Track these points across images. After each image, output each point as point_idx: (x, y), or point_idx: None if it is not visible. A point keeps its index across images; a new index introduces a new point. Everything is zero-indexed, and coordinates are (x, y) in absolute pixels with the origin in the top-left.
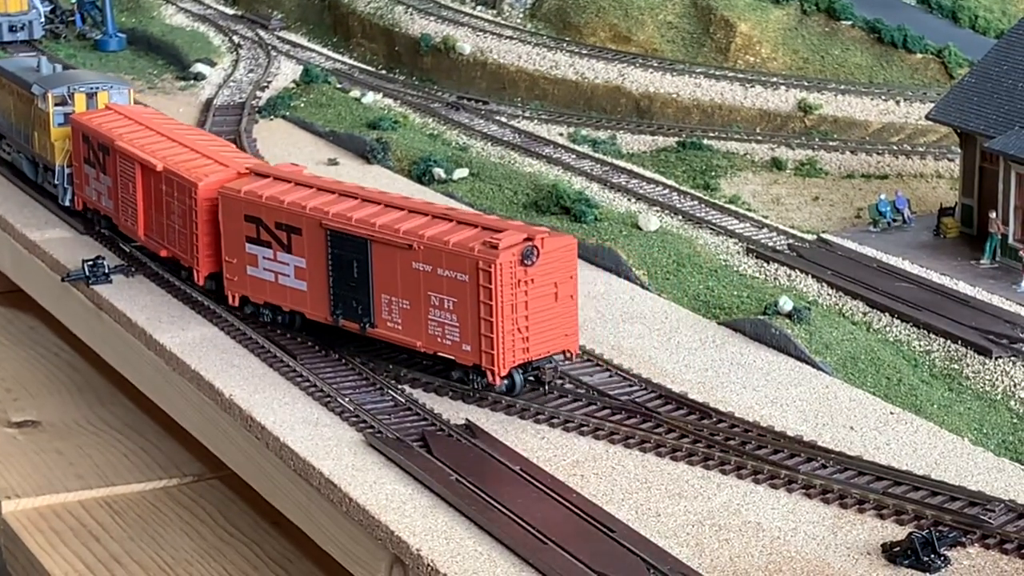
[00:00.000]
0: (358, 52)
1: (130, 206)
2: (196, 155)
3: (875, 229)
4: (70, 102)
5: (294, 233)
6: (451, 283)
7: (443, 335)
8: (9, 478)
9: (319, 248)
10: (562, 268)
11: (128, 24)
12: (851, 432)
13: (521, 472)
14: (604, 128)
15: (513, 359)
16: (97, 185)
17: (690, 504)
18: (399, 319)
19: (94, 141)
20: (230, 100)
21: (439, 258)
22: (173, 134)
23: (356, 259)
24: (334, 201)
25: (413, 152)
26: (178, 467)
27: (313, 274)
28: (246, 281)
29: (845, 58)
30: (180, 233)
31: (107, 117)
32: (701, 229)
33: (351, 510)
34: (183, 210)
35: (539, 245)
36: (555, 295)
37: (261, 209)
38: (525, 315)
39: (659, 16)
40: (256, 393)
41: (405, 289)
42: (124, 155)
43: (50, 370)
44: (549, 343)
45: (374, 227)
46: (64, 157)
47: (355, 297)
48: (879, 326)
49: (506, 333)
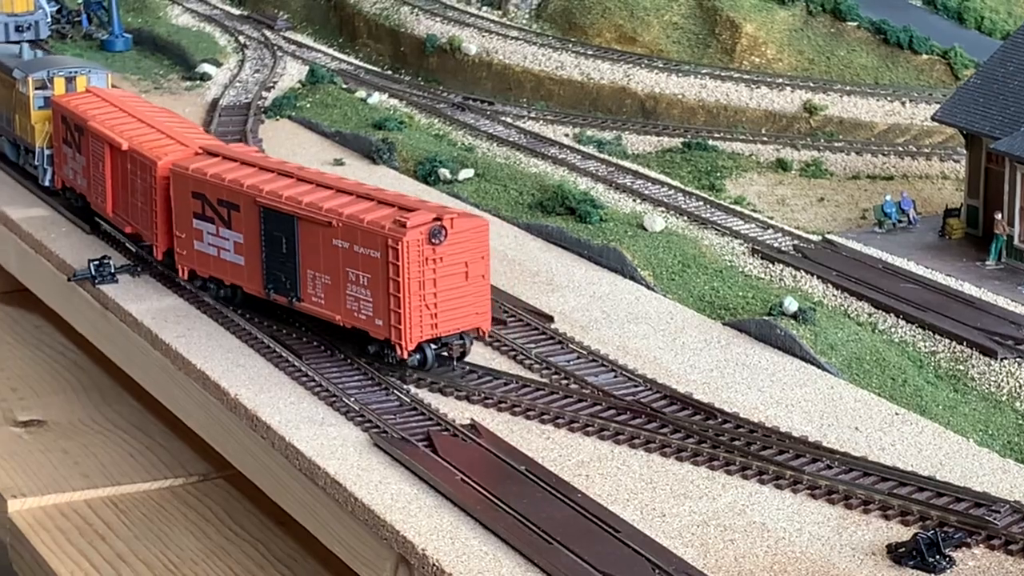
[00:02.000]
0: (364, 52)
1: (100, 184)
2: (160, 135)
3: (880, 230)
4: (50, 86)
5: (233, 209)
6: (365, 260)
7: (359, 310)
8: (15, 477)
9: (254, 224)
10: (473, 248)
11: (134, 24)
12: (856, 433)
13: (526, 472)
14: (609, 129)
15: (421, 334)
16: (73, 164)
17: (695, 504)
18: (322, 294)
19: (71, 122)
20: (236, 100)
21: (355, 235)
22: (143, 116)
23: (285, 235)
24: (271, 180)
25: (419, 152)
26: (184, 466)
27: (249, 249)
28: (193, 255)
29: (851, 59)
30: (142, 210)
31: (84, 99)
32: (706, 230)
33: (356, 510)
34: (145, 188)
35: (448, 226)
36: (465, 274)
37: (205, 186)
38: (433, 292)
39: (665, 17)
40: (262, 393)
41: (327, 265)
42: (95, 135)
43: (56, 369)
44: (459, 320)
45: (300, 205)
46: (44, 139)
47: (284, 272)
48: (884, 327)
49: (413, 309)
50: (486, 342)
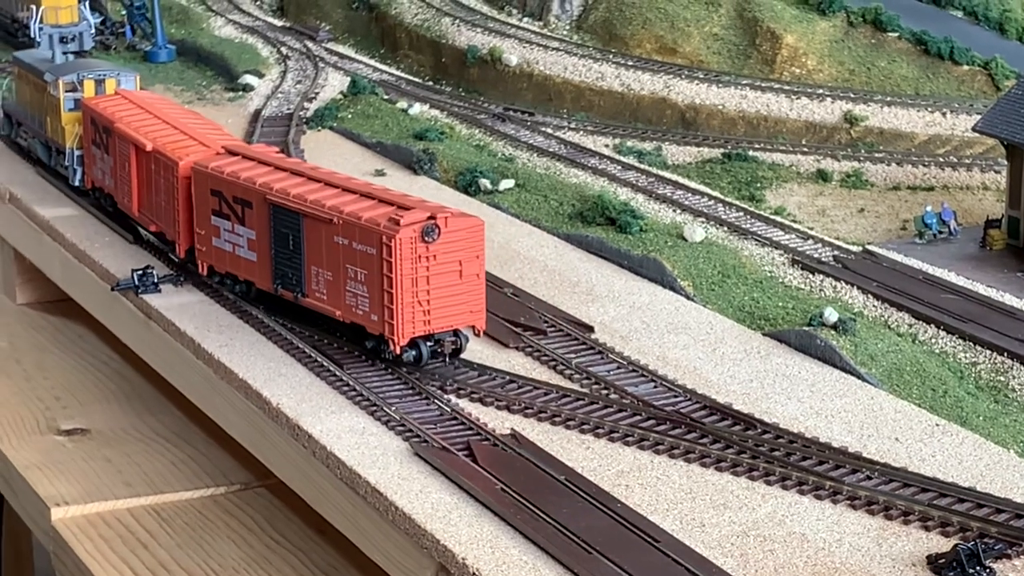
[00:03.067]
0: (405, 64)
1: (126, 184)
2: (184, 136)
3: (921, 241)
4: (80, 88)
5: (247, 207)
6: (363, 256)
7: (357, 305)
8: (58, 485)
9: (265, 221)
10: (468, 247)
11: (177, 35)
12: (896, 443)
13: (566, 482)
14: (650, 139)
15: (413, 330)
16: (102, 165)
17: (735, 515)
18: (324, 289)
19: (99, 124)
20: (278, 111)
21: (354, 232)
22: (168, 117)
23: (292, 232)
24: (282, 178)
25: (459, 163)
26: (225, 475)
27: (260, 245)
28: (212, 252)
29: (891, 70)
30: (165, 209)
31: (112, 101)
32: (746, 240)
33: (397, 519)
34: (168, 187)
35: (441, 224)
36: (459, 272)
37: (222, 183)
38: (427, 289)
39: (705, 28)
40: (303, 402)
41: (329, 261)
42: (121, 136)
43: (99, 378)
44: (452, 318)
45: (306, 202)
46: (74, 140)
47: (291, 268)
48: (925, 338)
49: (406, 305)
50: (526, 352)
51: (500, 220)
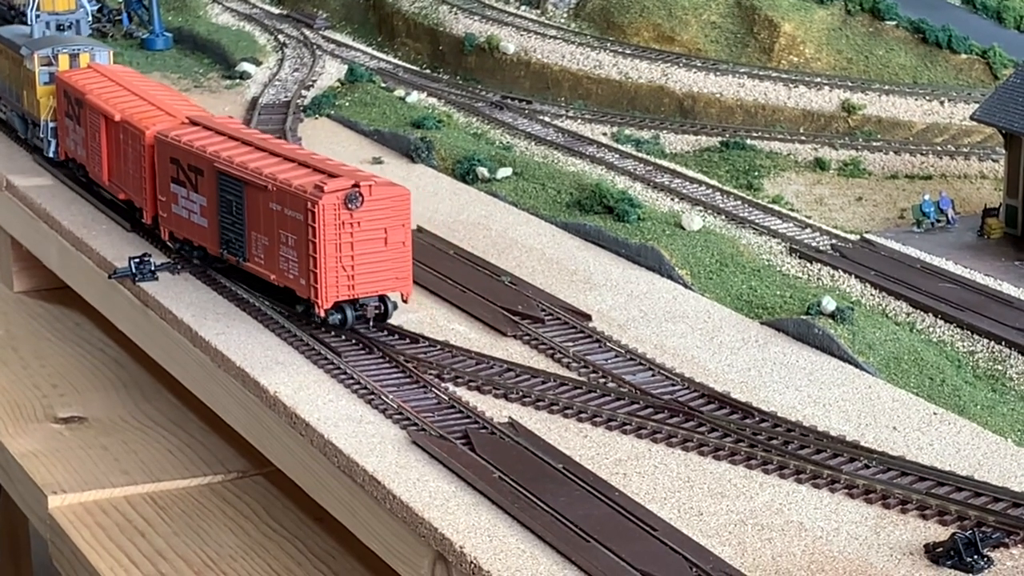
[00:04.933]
0: (402, 51)
1: (97, 154)
2: (151, 107)
3: (919, 230)
4: (54, 62)
5: (199, 174)
6: (293, 222)
7: (288, 269)
8: (55, 473)
9: (213, 188)
10: (393, 215)
11: (175, 23)
12: (894, 432)
13: (564, 470)
14: (647, 128)
15: (337, 294)
16: (74, 136)
17: (732, 503)
18: (262, 254)
19: (71, 96)
20: (275, 99)
21: (285, 198)
22: (138, 89)
23: (235, 199)
24: (232, 147)
25: (457, 151)
26: (222, 463)
27: (210, 212)
28: (172, 218)
29: (889, 58)
30: (133, 177)
31: (85, 75)
32: (744, 229)
33: (395, 507)
34: (135, 156)
35: (365, 192)
36: (384, 240)
37: (179, 151)
38: (351, 255)
39: (703, 16)
40: (301, 390)
41: (266, 227)
42: (92, 107)
43: (96, 366)
44: (377, 283)
45: (247, 170)
46: (48, 113)
47: (235, 233)
48: (922, 327)
49: (329, 270)
50: (524, 341)
51: (498, 208)
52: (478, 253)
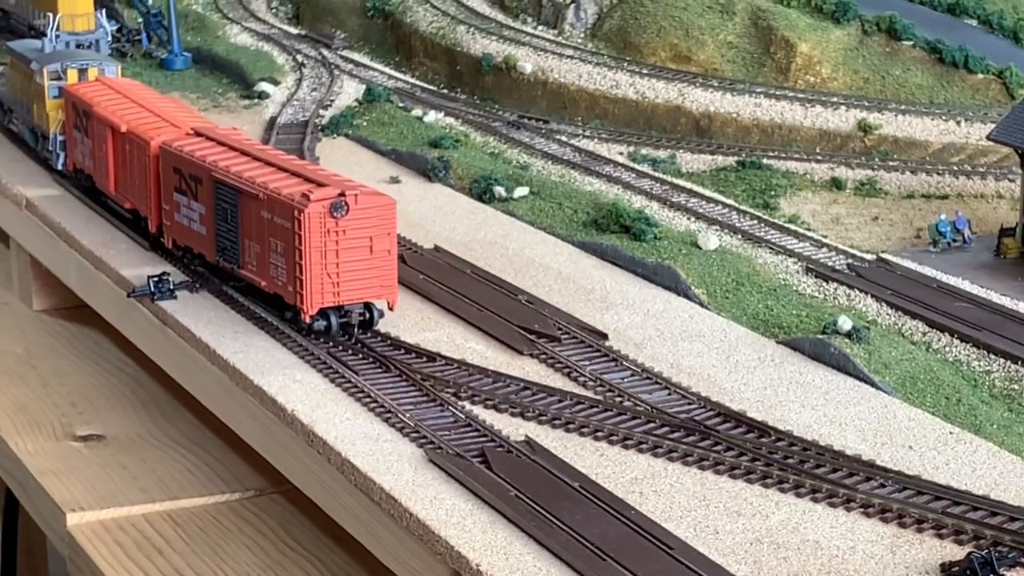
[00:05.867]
0: (420, 71)
1: (104, 164)
2: (157, 118)
3: (935, 249)
4: (63, 77)
5: (199, 184)
6: (281, 230)
7: (277, 276)
8: (74, 491)
9: (211, 197)
10: (379, 224)
11: (193, 43)
12: (910, 452)
13: (580, 489)
14: (664, 147)
15: (322, 301)
16: (82, 147)
17: (748, 522)
18: (255, 261)
19: (79, 108)
20: (293, 118)
21: (275, 207)
22: (144, 101)
23: (231, 207)
24: (229, 157)
25: (474, 170)
26: (240, 481)
27: (208, 220)
28: (175, 226)
29: (906, 78)
30: (139, 187)
31: (93, 88)
32: (760, 248)
33: (411, 525)
34: (140, 166)
35: (351, 201)
36: (369, 248)
37: (182, 161)
38: (336, 263)
39: (719, 36)
40: (318, 409)
41: (257, 234)
42: (99, 119)
43: (115, 385)
44: (362, 291)
45: (241, 179)
46: (57, 126)
47: (230, 240)
48: (939, 346)
49: (314, 276)
50: (540, 359)
51: (514, 227)
52: (495, 272)
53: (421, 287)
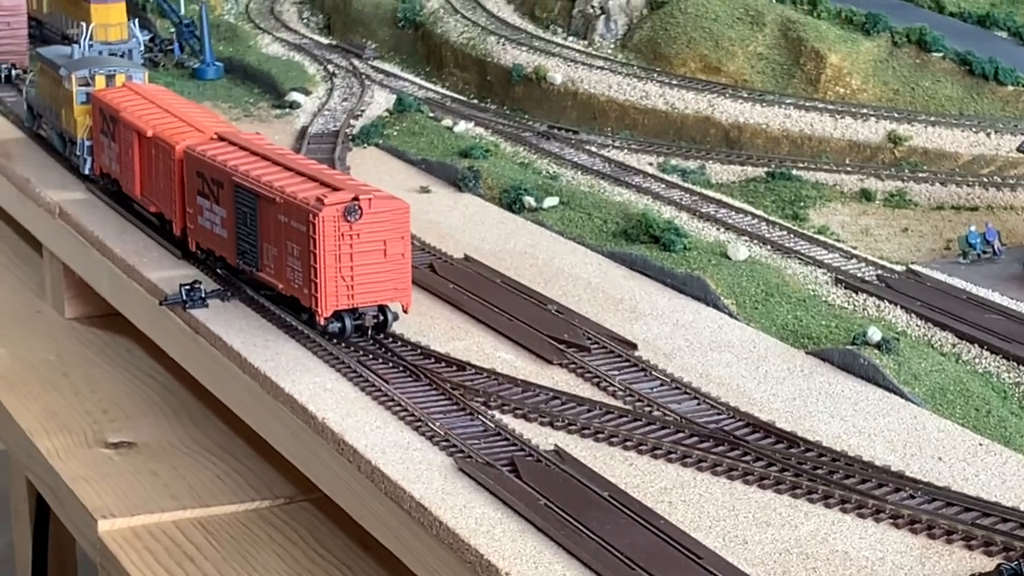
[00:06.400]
0: (450, 81)
1: (130, 168)
2: (182, 123)
3: (965, 261)
4: (92, 83)
5: (220, 187)
6: (297, 233)
7: (294, 279)
8: (105, 498)
9: (231, 200)
10: (393, 228)
11: (225, 53)
12: (939, 463)
13: (609, 498)
14: (693, 158)
15: (336, 303)
16: (109, 152)
17: (777, 532)
18: (272, 264)
19: (107, 113)
20: (324, 128)
21: (291, 210)
22: (170, 107)
23: (250, 211)
24: (249, 161)
25: (504, 181)
26: (270, 489)
27: (229, 223)
28: (198, 229)
29: (935, 90)
30: (164, 191)
31: (119, 93)
32: (790, 259)
33: (441, 533)
34: (166, 170)
35: (364, 205)
36: (383, 251)
37: (204, 165)
38: (350, 266)
39: (749, 47)
40: (349, 417)
41: (275, 238)
42: (125, 124)
43: (146, 392)
44: (376, 294)
45: (259, 183)
46: (85, 131)
47: (249, 244)
48: (968, 357)
49: (328, 279)
50: (570, 369)
51: (544, 237)
52: (524, 282)
53: (451, 296)
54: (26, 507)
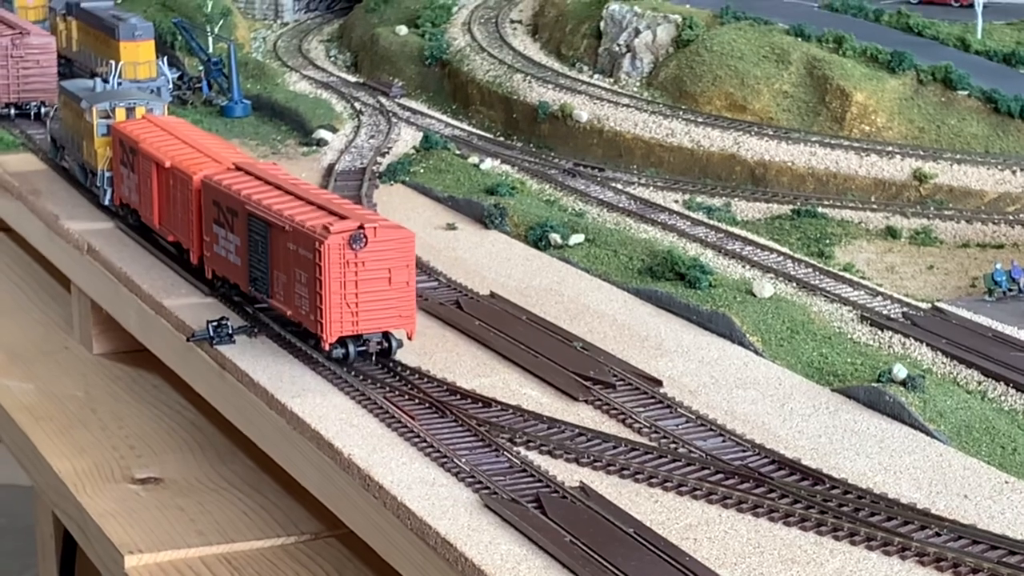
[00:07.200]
0: (477, 119)
1: (149, 198)
2: (199, 154)
3: (990, 298)
4: (112, 115)
5: (234, 216)
6: (305, 260)
7: (301, 305)
8: (132, 533)
9: (245, 229)
10: (398, 256)
11: (253, 91)
12: (965, 501)
13: (635, 535)
14: (719, 195)
15: (341, 330)
16: (128, 183)
17: (803, 570)
18: (282, 291)
19: (126, 145)
20: (351, 165)
21: (299, 238)
22: (188, 138)
23: (262, 239)
24: (262, 191)
25: (530, 218)
26: (296, 525)
27: (242, 251)
28: (214, 257)
29: (961, 128)
30: (182, 220)
31: (138, 125)
32: (815, 296)
33: (467, 570)
34: (183, 200)
35: (370, 234)
36: (388, 279)
37: (220, 195)
38: (355, 293)
39: (775, 85)
40: (374, 453)
41: (285, 265)
42: (144, 155)
43: (173, 428)
44: (381, 321)
45: (271, 211)
46: (105, 163)
47: (261, 271)
48: (994, 395)
49: (333, 306)
50: (595, 406)
51: (570, 274)
52: (550, 319)
53: (477, 333)
54: (52, 542)
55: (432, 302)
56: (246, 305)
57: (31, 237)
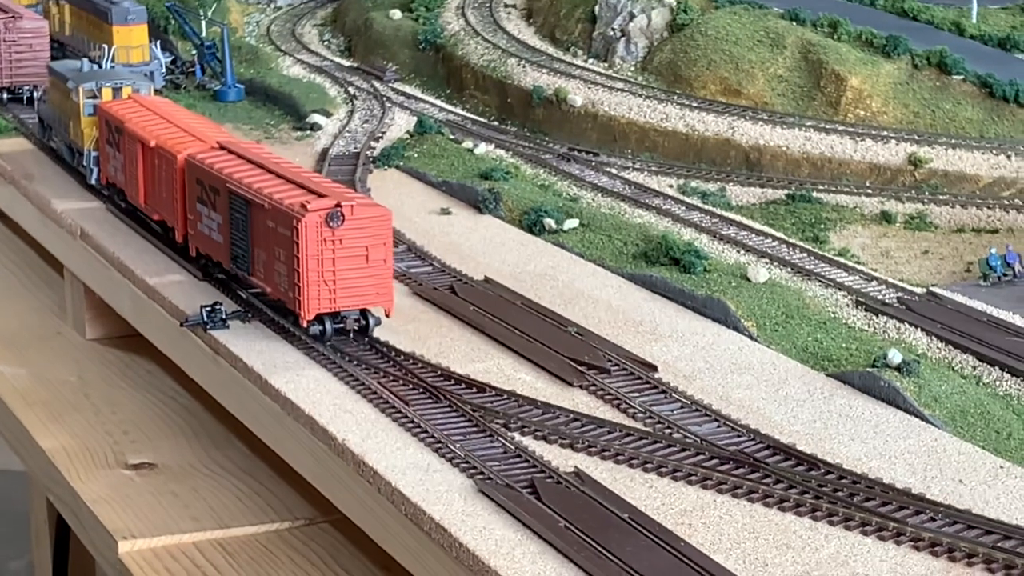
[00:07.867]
0: (471, 104)
1: (134, 178)
2: (184, 133)
3: (985, 283)
4: (98, 95)
5: (216, 194)
6: (283, 238)
7: (280, 283)
8: (126, 519)
9: (226, 207)
10: (374, 234)
11: (246, 75)
12: (960, 485)
13: (629, 520)
14: (714, 180)
15: (318, 307)
16: (114, 162)
17: (798, 555)
18: (262, 268)
19: (112, 124)
20: (345, 150)
21: (278, 216)
22: (173, 118)
23: (242, 216)
24: (244, 169)
25: (524, 202)
26: (291, 510)
27: (224, 229)
28: (198, 235)
29: (956, 112)
30: (167, 199)
31: (125, 105)
32: (810, 281)
33: (461, 555)
34: (168, 179)
35: (347, 211)
36: (365, 257)
37: (203, 173)
38: (332, 270)
39: (770, 70)
40: (368, 438)
41: (265, 243)
42: (130, 134)
43: (167, 414)
44: (358, 298)
45: (251, 189)
46: (91, 143)
47: (242, 249)
48: (989, 380)
49: (311, 283)
50: (590, 391)
51: (564, 259)
52: (544, 304)
53: (471, 318)
54: (46, 528)
55: (426, 287)
56: (239, 290)
57: (24, 222)
